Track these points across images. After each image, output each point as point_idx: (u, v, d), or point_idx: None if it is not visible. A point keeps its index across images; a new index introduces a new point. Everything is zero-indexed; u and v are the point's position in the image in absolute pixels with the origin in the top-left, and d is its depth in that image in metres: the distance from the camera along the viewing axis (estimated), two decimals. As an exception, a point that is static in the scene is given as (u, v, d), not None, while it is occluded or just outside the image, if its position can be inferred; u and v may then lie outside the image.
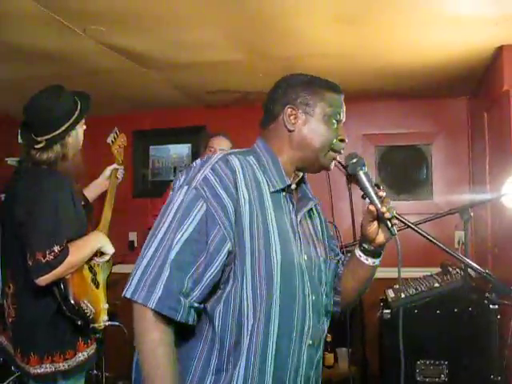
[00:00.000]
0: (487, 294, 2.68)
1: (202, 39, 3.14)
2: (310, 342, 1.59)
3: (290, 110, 1.64)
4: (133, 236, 5.13)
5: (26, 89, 2.60)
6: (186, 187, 1.51)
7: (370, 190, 1.64)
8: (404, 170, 4.89)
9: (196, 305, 1.46)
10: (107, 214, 2.81)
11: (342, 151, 1.69)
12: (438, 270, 3.65)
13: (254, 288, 1.48)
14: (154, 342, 1.42)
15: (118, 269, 3.05)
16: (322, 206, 1.88)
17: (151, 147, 5.34)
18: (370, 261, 1.73)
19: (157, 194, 4.27)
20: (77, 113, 2.58)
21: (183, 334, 1.50)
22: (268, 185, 1.59)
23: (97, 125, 2.76)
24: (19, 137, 2.63)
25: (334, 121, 1.65)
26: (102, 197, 2.96)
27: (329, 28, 3.01)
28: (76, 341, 2.47)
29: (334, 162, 1.70)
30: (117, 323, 3.33)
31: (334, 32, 3.07)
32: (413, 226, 1.68)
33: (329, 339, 4.12)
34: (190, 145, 5.18)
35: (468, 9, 2.78)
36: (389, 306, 3.31)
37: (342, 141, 1.67)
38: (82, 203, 2.63)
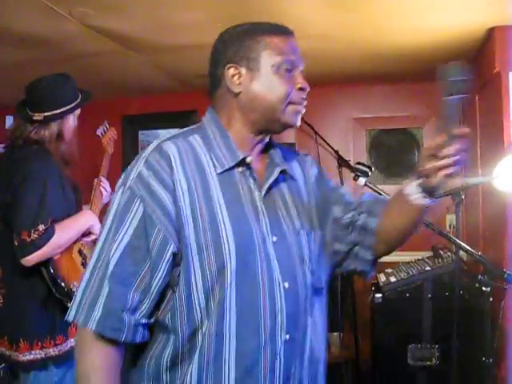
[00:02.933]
0: (480, 277, 2.67)
1: (189, 21, 3.09)
2: (287, 336, 1.37)
3: (231, 69, 1.44)
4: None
5: (10, 74, 2.57)
6: (121, 188, 1.37)
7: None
8: (395, 153, 4.87)
9: (144, 321, 1.33)
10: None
11: (304, 102, 1.46)
12: (430, 253, 3.64)
13: (206, 288, 1.32)
14: (89, 365, 1.31)
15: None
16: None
17: (140, 132, 5.30)
18: (426, 199, 1.41)
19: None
20: (78, 100, 2.64)
21: (137, 350, 1.41)
22: (214, 166, 1.40)
23: (85, 110, 2.73)
24: (7, 121, 2.63)
25: (287, 69, 1.43)
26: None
27: (318, 10, 2.97)
28: (67, 326, 2.44)
29: (299, 116, 1.47)
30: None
31: (323, 14, 3.03)
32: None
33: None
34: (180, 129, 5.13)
35: (459, -11, 2.75)
36: (380, 290, 3.31)
37: (301, 89, 1.45)
38: (72, 190, 2.61)
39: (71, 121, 2.61)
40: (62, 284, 2.39)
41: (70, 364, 2.48)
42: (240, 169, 1.43)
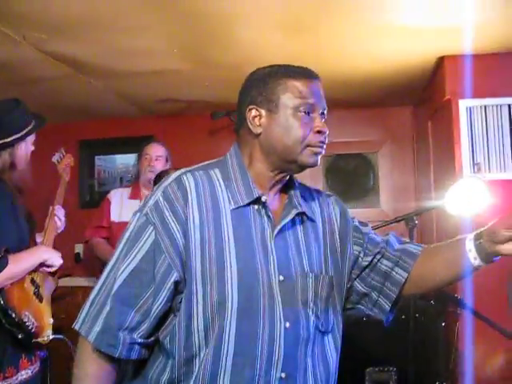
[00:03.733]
0: (432, 302, 2.71)
1: (145, 47, 3.10)
2: (283, 375, 1.39)
3: (253, 110, 1.47)
4: (79, 248, 5.00)
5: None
6: (138, 214, 1.43)
7: None
8: (351, 178, 4.94)
9: (140, 340, 1.38)
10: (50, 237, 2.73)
11: (322, 144, 1.47)
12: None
13: (206, 319, 1.36)
14: (86, 374, 1.39)
15: (64, 282, 2.97)
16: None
17: (97, 157, 5.24)
18: (477, 261, 1.46)
19: (104, 205, 4.19)
20: (30, 126, 2.55)
21: (141, 363, 1.45)
22: (229, 202, 1.44)
23: (41, 133, 2.68)
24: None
25: (305, 112, 1.44)
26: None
27: (275, 36, 3.01)
28: (18, 358, 2.37)
29: (317, 157, 1.48)
30: (61, 336, 3.20)
31: (280, 40, 3.07)
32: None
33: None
34: (136, 154, 5.10)
35: (411, 20, 2.82)
36: (337, 314, 3.31)
37: (319, 132, 1.45)
38: (26, 219, 2.55)
39: (23, 148, 2.53)
40: (13, 315, 2.32)
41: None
42: (256, 206, 1.46)
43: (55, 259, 2.56)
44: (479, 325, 2.40)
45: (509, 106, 3.36)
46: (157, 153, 3.82)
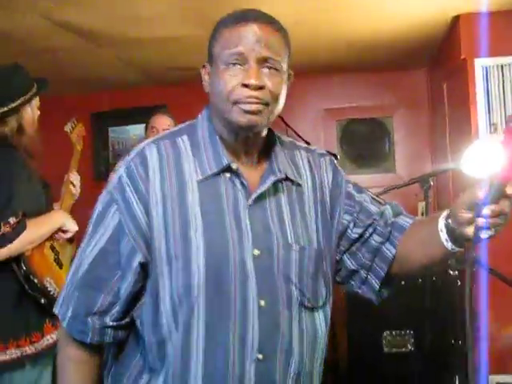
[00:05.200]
0: (448, 262, 2.69)
1: (156, 13, 3.06)
2: (260, 356, 1.27)
3: (204, 68, 1.35)
4: (94, 220, 5.05)
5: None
6: (104, 192, 1.34)
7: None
8: (366, 143, 4.90)
9: (113, 323, 1.31)
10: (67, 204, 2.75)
11: (249, 99, 1.24)
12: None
13: (173, 300, 1.27)
14: (65, 357, 1.38)
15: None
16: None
17: (110, 129, 5.26)
18: (449, 244, 1.26)
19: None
20: (34, 89, 2.54)
21: (121, 348, 1.40)
22: (196, 172, 1.30)
23: (52, 106, 2.68)
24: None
25: (234, 63, 1.26)
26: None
27: (285, 2, 2.97)
28: (43, 322, 2.40)
29: (250, 115, 1.25)
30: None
31: (290, 3, 3.03)
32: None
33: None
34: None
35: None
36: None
37: (244, 86, 1.24)
38: (41, 184, 2.57)
39: (29, 112, 2.54)
40: (35, 280, 2.36)
41: (47, 362, 2.45)
42: (228, 174, 1.32)
43: (71, 224, 2.58)
44: (496, 284, 2.38)
45: (526, 64, 3.30)
46: (163, 125, 3.73)
